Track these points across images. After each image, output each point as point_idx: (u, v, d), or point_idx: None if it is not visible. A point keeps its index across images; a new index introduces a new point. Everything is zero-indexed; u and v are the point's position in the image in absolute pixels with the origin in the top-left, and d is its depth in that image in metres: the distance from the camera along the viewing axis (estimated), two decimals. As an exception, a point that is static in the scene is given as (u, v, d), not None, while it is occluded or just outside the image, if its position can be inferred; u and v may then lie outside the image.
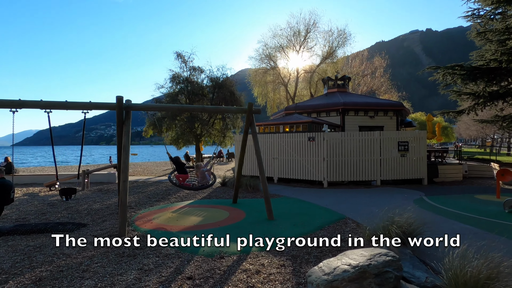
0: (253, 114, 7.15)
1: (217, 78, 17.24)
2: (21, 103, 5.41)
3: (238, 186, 8.08)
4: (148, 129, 16.39)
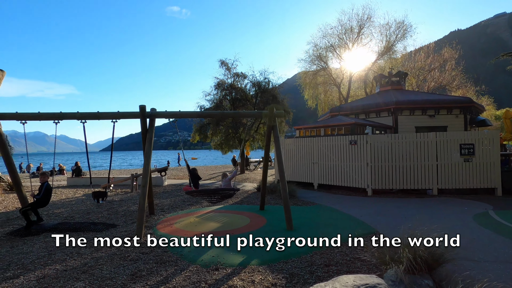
0: (276, 117, 6.83)
1: (259, 82, 17.27)
2: (61, 115, 6.13)
3: (264, 193, 7.81)
4: (195, 135, 17.26)
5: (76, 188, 12.56)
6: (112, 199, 9.89)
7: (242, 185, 13.06)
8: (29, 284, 3.48)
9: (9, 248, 4.91)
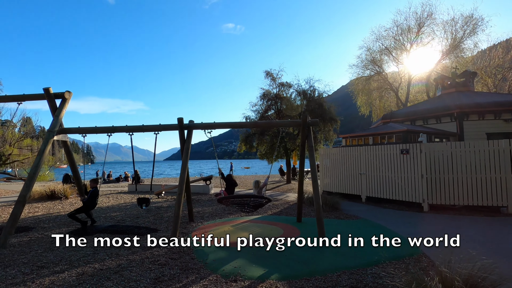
0: (311, 126, 6.62)
1: (305, 91, 17.01)
2: (113, 128, 6.89)
3: (300, 204, 7.55)
4: (241, 144, 17.68)
5: (134, 194, 13.88)
6: (161, 205, 10.64)
7: (286, 195, 12.84)
8: (69, 279, 3.91)
9: (65, 245, 5.62)
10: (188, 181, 7.54)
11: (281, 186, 16.33)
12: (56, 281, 3.87)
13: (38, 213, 9.23)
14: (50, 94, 6.86)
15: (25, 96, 6.99)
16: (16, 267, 4.43)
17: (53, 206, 10.41)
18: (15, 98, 7.10)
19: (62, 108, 6.90)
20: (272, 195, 12.84)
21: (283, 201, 11.25)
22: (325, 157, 12.65)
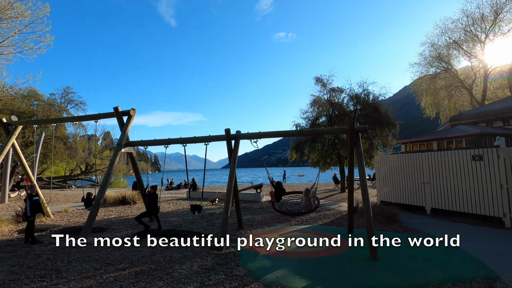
0: (359, 132, 6.30)
1: (358, 95, 16.19)
2: (168, 140, 7.57)
3: (351, 215, 7.16)
4: (292, 152, 17.56)
5: (191, 200, 14.84)
6: (214, 212, 11.16)
7: (339, 204, 12.29)
8: (129, 276, 4.40)
9: (130, 246, 6.32)
10: (236, 189, 7.80)
11: (334, 195, 15.68)
12: (119, 278, 4.38)
13: (111, 216, 10.55)
14: (119, 112, 7.91)
15: (100, 115, 8.18)
16: (90, 263, 5.14)
17: (123, 210, 11.77)
18: (93, 117, 8.36)
19: (128, 124, 7.88)
20: (324, 204, 12.42)
21: (335, 211, 10.78)
22: (382, 165, 11.79)
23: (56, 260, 5.35)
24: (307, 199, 7.33)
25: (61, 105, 24.97)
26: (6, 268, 4.94)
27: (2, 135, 15.70)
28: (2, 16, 12.90)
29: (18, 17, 13.32)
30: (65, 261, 5.28)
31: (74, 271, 4.73)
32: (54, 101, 24.66)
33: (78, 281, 4.28)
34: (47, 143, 19.06)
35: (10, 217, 8.93)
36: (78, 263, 5.16)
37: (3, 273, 4.67)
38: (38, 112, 20.11)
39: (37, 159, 17.05)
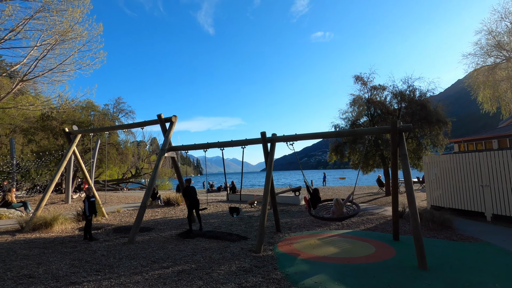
0: (402, 132, 5.91)
1: (402, 92, 15.19)
2: (207, 145, 7.84)
3: (396, 220, 6.70)
4: (331, 154, 17.02)
5: (230, 203, 15.17)
6: (253, 214, 11.26)
7: (383, 209, 11.60)
8: (172, 275, 4.63)
9: (174, 245, 6.66)
10: (273, 192, 7.79)
11: (378, 199, 14.84)
12: (163, 275, 4.63)
13: (157, 216, 11.23)
14: (162, 119, 8.42)
15: (146, 122, 8.79)
16: (138, 260, 5.52)
17: (168, 211, 12.45)
18: (139, 124, 9.03)
19: (170, 130, 8.35)
20: (367, 208, 11.82)
21: (379, 215, 10.19)
22: (432, 166, 10.86)
23: (109, 256, 5.84)
24: (337, 208, 7.03)
25: (114, 114, 27.34)
26: (68, 261, 5.53)
27: (65, 143, 17.66)
28: (65, 38, 14.56)
29: (77, 38, 14.92)
30: (117, 258, 5.74)
31: (124, 267, 5.12)
32: (108, 111, 27.09)
33: (127, 276, 4.62)
34: (102, 149, 20.99)
35: (72, 216, 9.98)
36: (128, 260, 5.58)
37: (66, 266, 5.23)
38: (94, 121, 22.26)
39: (94, 164, 18.86)
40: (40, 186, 19.96)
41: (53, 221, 8.75)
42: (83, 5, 15.06)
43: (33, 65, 13.99)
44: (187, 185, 8.31)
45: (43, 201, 9.28)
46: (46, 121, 20.59)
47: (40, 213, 9.14)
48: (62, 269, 5.07)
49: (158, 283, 4.29)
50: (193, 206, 8.19)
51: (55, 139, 21.27)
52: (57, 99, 16.45)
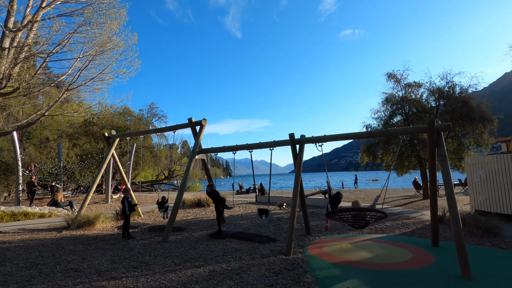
0: (441, 131, 5.56)
1: (440, 89, 14.27)
2: (236, 147, 7.96)
3: (435, 225, 6.29)
4: (363, 155, 16.43)
5: (259, 204, 15.21)
6: (282, 216, 11.21)
7: (420, 213, 10.96)
8: (203, 274, 4.75)
9: (205, 245, 6.83)
10: (303, 194, 7.70)
11: (415, 202, 14.04)
12: (195, 274, 4.77)
13: (189, 217, 11.59)
14: (192, 123, 8.71)
15: (177, 126, 9.15)
16: (171, 258, 5.75)
17: (199, 212, 12.80)
18: (171, 128, 9.41)
19: (200, 133, 8.60)
20: (403, 212, 11.24)
21: (417, 220, 9.64)
22: (476, 167, 10.06)
23: (145, 254, 6.15)
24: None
25: (148, 119, 28.77)
26: (109, 257, 5.90)
27: (105, 146, 18.89)
28: (104, 49, 15.64)
29: (114, 48, 15.95)
30: (152, 255, 6.02)
31: (159, 264, 5.36)
32: (142, 116, 28.58)
33: (162, 274, 4.83)
34: (137, 152, 22.15)
35: (112, 215, 10.63)
36: (162, 258, 5.82)
37: (107, 262, 5.59)
38: (131, 126, 23.57)
39: (131, 166, 19.95)
40: (83, 186, 21.51)
41: (95, 219, 9.39)
42: (119, 17, 16.07)
43: (76, 75, 15.17)
44: (210, 190, 8.39)
45: (87, 200, 10.00)
46: (88, 126, 22.18)
47: (84, 212, 9.85)
48: (103, 264, 5.43)
49: (191, 281, 4.43)
50: (219, 204, 8.26)
51: (96, 143, 22.83)
52: (98, 105, 17.69)
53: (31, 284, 4.45)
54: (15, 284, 4.45)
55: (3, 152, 21.60)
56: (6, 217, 10.80)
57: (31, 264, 5.53)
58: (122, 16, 16.29)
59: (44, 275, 4.84)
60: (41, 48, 15.01)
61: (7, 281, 4.59)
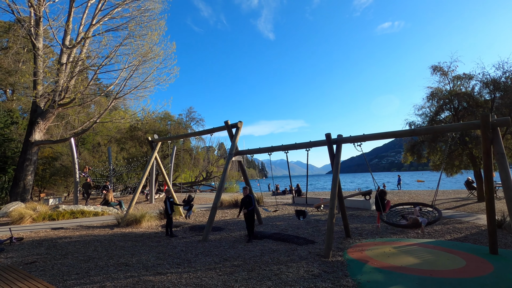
0: (497, 127, 5.05)
1: (495, 80, 12.91)
2: (271, 148, 7.99)
3: (493, 231, 5.70)
4: (406, 155, 15.45)
5: (296, 206, 15.07)
6: (320, 218, 10.98)
7: (475, 216, 10.00)
8: (242, 273, 4.85)
9: (243, 245, 6.96)
10: (341, 196, 7.48)
11: (468, 205, 12.84)
12: (234, 272, 4.89)
13: (227, 217, 11.88)
14: (228, 125, 8.94)
15: (214, 129, 9.46)
16: (211, 257, 5.95)
17: (236, 212, 13.04)
18: (209, 131, 9.76)
19: (236, 135, 8.80)
20: (454, 215, 10.36)
21: (471, 224, 8.82)
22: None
23: (187, 252, 6.44)
24: (412, 221, 6.36)
25: (186, 123, 30.07)
26: (155, 254, 6.29)
27: (149, 150, 20.14)
28: (146, 59, 16.75)
29: (155, 57, 17.01)
30: (193, 253, 6.29)
31: (200, 262, 5.58)
32: (181, 120, 29.93)
33: (203, 271, 5.02)
34: (178, 155, 23.28)
35: (156, 215, 11.29)
36: (203, 256, 6.06)
37: (153, 258, 5.97)
38: (171, 130, 24.84)
39: (172, 168, 21.02)
40: (130, 187, 23.13)
41: (141, 218, 10.06)
42: (159, 28, 17.08)
43: (122, 84, 16.44)
44: (246, 194, 7.83)
45: (134, 200, 10.76)
46: (133, 131, 23.84)
47: (131, 211, 10.61)
48: (150, 260, 5.80)
49: (230, 280, 4.54)
50: (249, 215, 7.68)
51: (140, 147, 24.43)
52: (141, 112, 18.98)
53: (89, 275, 4.92)
54: (76, 275, 4.95)
55: (62, 157, 24.11)
56: (66, 214, 12.05)
57: (88, 257, 6.11)
58: (162, 27, 17.27)
59: (99, 268, 5.32)
60: (92, 61, 16.52)
61: (69, 272, 5.13)
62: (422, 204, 7.24)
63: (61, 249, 6.97)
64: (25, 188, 14.93)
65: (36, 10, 14.92)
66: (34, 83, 15.48)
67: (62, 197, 20.69)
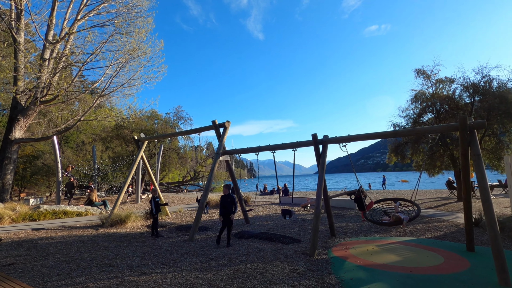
0: (474, 129, 5.27)
1: (475, 84, 13.42)
2: (258, 148, 8.03)
3: (470, 229, 5.94)
4: (391, 155, 15.84)
5: (283, 205, 15.19)
6: (306, 217, 11.11)
7: (454, 215, 10.38)
8: (228, 272, 4.86)
9: (232, 244, 6.97)
10: (327, 196, 7.60)
11: (449, 204, 13.31)
12: (220, 272, 4.90)
13: (214, 217, 11.84)
14: (216, 125, 8.92)
15: (201, 128, 9.41)
16: (197, 257, 5.93)
17: (224, 212, 13.02)
18: (196, 131, 9.70)
19: (224, 135, 8.79)
20: (435, 214, 10.71)
21: (450, 223, 9.14)
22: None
23: (173, 252, 6.40)
24: (395, 218, 6.58)
25: (174, 122, 29.75)
26: (140, 254, 6.22)
27: (135, 149, 19.82)
28: (133, 56, 16.45)
29: (142, 55, 16.73)
30: (179, 253, 6.25)
31: (185, 262, 5.56)
32: (169, 119, 29.61)
33: (188, 271, 5.01)
34: (165, 154, 22.99)
35: (141, 215, 11.14)
36: (189, 256, 6.03)
37: (138, 258, 5.90)
38: (158, 129, 24.50)
39: (159, 167, 20.74)
40: (115, 187, 22.67)
41: (127, 218, 9.90)
42: (147, 25, 16.81)
43: (108, 82, 16.09)
44: (225, 194, 7.20)
45: (119, 200, 10.57)
46: (119, 130, 23.37)
47: (116, 211, 10.42)
48: (134, 260, 5.73)
49: (216, 279, 4.55)
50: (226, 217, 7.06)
51: (126, 145, 23.99)
52: (128, 110, 18.64)
53: (71, 277, 4.81)
54: (57, 277, 4.84)
55: (44, 156, 23.38)
56: (48, 215, 11.70)
57: (71, 258, 5.97)
58: (149, 24, 17.00)
59: (82, 269, 5.21)
60: (77, 57, 16.09)
61: (50, 274, 5.00)
62: (402, 199, 7.50)
63: (42, 250, 6.78)
64: (4, 188, 14.40)
65: (17, 3, 14.41)
66: (14, 78, 14.94)
67: (43, 197, 20.07)
